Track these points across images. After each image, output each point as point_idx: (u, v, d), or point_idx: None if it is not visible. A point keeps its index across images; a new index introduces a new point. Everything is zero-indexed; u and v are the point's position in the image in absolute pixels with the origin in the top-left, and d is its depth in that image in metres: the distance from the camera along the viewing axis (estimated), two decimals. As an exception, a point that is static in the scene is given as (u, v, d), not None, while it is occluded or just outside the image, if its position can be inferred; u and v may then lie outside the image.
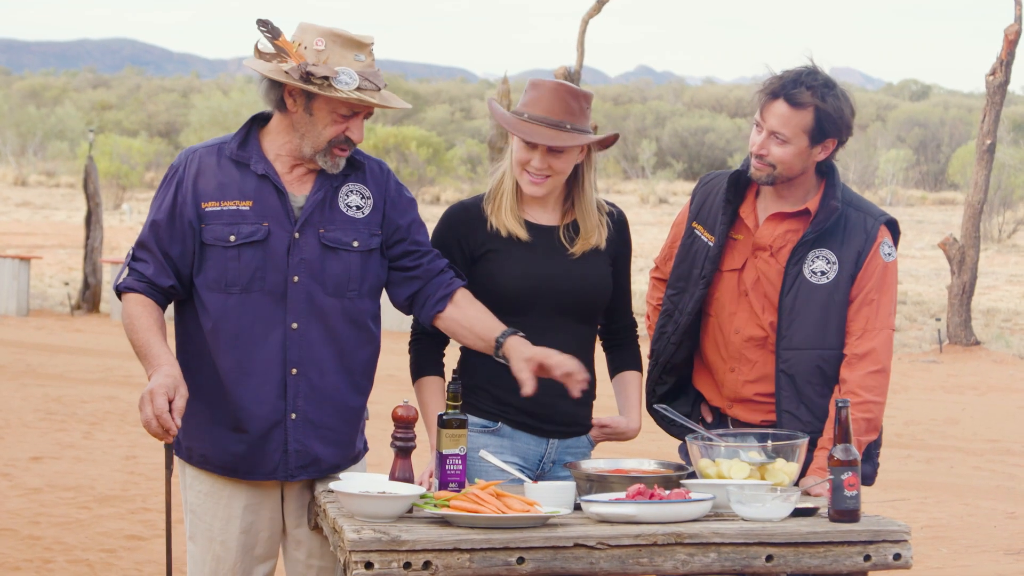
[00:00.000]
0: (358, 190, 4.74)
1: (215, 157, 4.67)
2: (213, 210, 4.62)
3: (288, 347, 4.64)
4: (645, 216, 42.54)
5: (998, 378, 17.68)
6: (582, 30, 21.27)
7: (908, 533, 4.29)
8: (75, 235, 32.45)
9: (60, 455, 11.38)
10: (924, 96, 78.02)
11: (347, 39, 4.59)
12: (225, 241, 4.61)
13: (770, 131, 4.92)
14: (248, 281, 4.61)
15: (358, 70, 4.57)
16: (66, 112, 61.88)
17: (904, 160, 49.77)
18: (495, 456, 4.78)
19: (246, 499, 4.75)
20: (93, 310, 22.49)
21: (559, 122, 4.80)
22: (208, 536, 4.76)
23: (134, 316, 4.61)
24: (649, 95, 79.64)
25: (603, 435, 5.03)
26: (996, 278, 29.21)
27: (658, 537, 4.15)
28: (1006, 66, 19.52)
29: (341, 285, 4.68)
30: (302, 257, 4.63)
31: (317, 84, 4.52)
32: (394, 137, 43.26)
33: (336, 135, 4.61)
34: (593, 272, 4.92)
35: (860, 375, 4.92)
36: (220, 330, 4.63)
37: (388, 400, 14.56)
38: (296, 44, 4.58)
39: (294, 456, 4.70)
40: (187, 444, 4.76)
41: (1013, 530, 9.69)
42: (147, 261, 4.64)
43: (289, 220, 4.64)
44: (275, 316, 4.63)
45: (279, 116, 4.67)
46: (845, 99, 4.96)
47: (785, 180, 4.99)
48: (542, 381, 4.74)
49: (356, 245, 4.70)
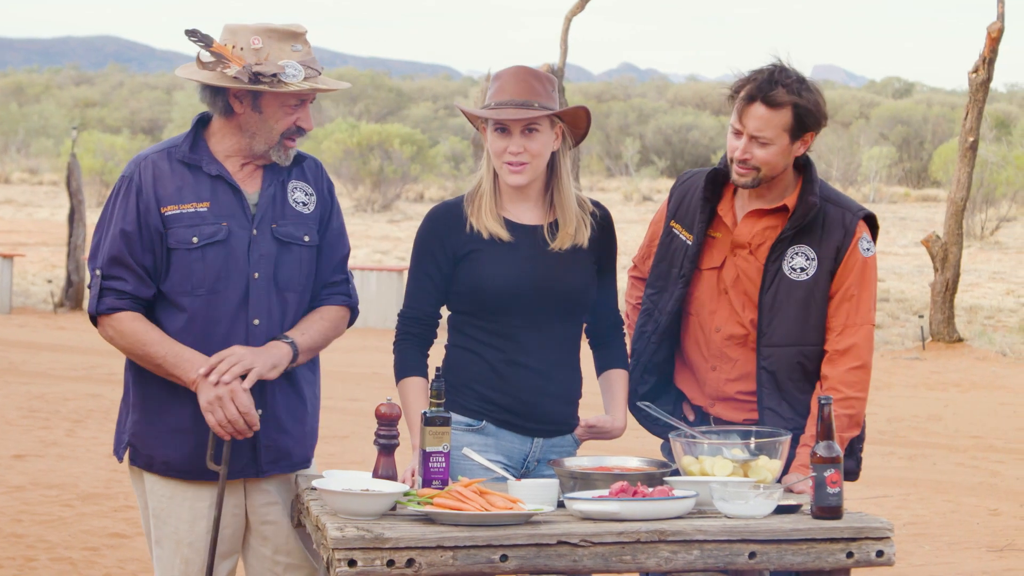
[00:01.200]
0: (301, 187, 4.80)
1: (167, 161, 4.69)
2: (174, 213, 4.64)
3: (250, 344, 4.67)
4: (629, 214, 42.54)
5: (981, 375, 17.71)
6: (565, 27, 21.27)
7: (891, 530, 4.30)
8: (58, 233, 32.37)
9: (43, 453, 11.36)
10: (907, 93, 78.07)
11: (282, 32, 4.64)
12: (188, 243, 4.63)
13: (751, 135, 4.92)
14: (213, 281, 4.64)
15: (298, 60, 4.61)
16: (49, 109, 61.76)
17: (887, 157, 49.82)
18: (480, 454, 4.79)
19: (210, 496, 4.75)
20: (76, 308, 22.43)
21: (525, 101, 4.81)
22: (175, 539, 4.75)
23: (139, 332, 4.62)
24: (633, 92, 79.60)
25: (589, 434, 5.02)
26: (979, 275, 29.25)
27: (641, 534, 4.15)
28: (989, 63, 19.55)
29: (293, 280, 4.74)
30: (260, 253, 4.68)
31: (267, 82, 4.56)
32: (377, 134, 43.20)
33: (288, 127, 4.66)
34: (576, 270, 4.91)
35: (841, 371, 4.93)
36: (187, 333, 4.65)
37: (371, 398, 14.58)
38: (230, 47, 4.61)
39: (264, 452, 4.74)
40: (147, 452, 4.76)
41: (996, 527, 9.71)
42: (124, 278, 4.63)
43: (246, 218, 4.69)
44: (239, 314, 4.67)
45: (223, 120, 4.69)
46: (818, 91, 4.98)
47: (769, 180, 4.99)
48: (527, 379, 4.81)
49: (307, 240, 4.77)
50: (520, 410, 4.88)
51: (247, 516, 4.83)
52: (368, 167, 42.27)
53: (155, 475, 4.76)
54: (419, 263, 4.93)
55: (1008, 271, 30.36)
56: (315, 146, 43.37)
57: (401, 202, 43.64)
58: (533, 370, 4.87)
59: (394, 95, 68.02)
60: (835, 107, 61.85)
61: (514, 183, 4.87)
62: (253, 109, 4.64)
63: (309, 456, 4.89)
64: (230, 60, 4.59)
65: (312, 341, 4.76)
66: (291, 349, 4.69)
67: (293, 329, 4.75)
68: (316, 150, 42.87)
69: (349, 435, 12.56)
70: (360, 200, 42.90)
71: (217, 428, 4.59)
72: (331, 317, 4.83)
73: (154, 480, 4.77)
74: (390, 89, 68.70)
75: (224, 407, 4.56)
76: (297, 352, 4.71)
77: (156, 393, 4.70)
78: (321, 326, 4.80)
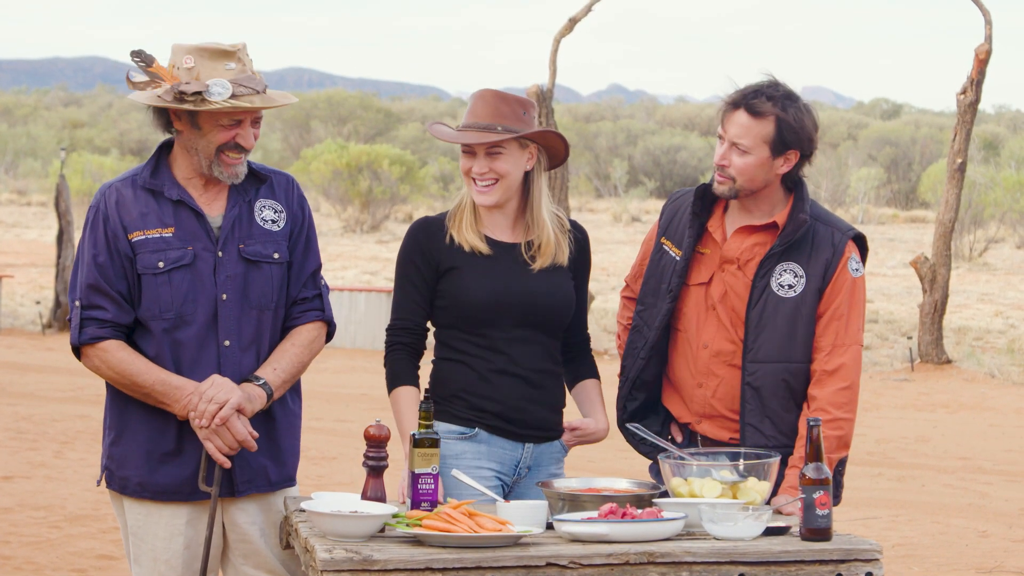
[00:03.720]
0: (270, 205, 4.84)
1: (130, 189, 4.74)
2: (139, 239, 4.69)
3: (223, 365, 4.71)
4: (617, 235, 42.56)
5: (969, 396, 17.73)
6: (554, 49, 21.29)
7: (880, 552, 4.30)
8: (47, 254, 32.34)
9: (31, 474, 11.33)
10: (895, 115, 78.26)
11: (214, 51, 4.68)
12: (155, 268, 4.67)
13: (731, 141, 4.95)
14: (181, 304, 4.67)
15: (230, 79, 4.64)
16: (37, 130, 61.70)
17: (875, 179, 49.89)
18: (473, 463, 4.87)
19: (187, 514, 4.77)
20: (64, 329, 22.39)
21: (489, 124, 4.91)
22: (152, 557, 4.77)
23: (124, 361, 4.66)
24: (621, 113, 79.75)
25: (575, 438, 5.10)
26: (967, 296, 29.29)
27: (630, 556, 4.15)
28: (976, 85, 19.60)
29: (265, 297, 4.77)
30: (227, 274, 4.72)
31: (191, 101, 4.60)
32: (366, 155, 43.20)
33: (224, 141, 4.68)
34: (557, 286, 5.01)
35: (829, 392, 4.93)
36: (160, 358, 4.68)
37: (360, 419, 14.56)
38: (171, 67, 4.68)
39: (238, 472, 4.76)
40: (121, 475, 4.78)
41: (984, 548, 9.71)
42: (103, 306, 4.66)
43: (211, 240, 4.73)
44: (208, 336, 4.70)
45: (176, 141, 4.76)
46: (807, 111, 4.99)
47: (748, 193, 5.00)
48: (516, 387, 4.93)
49: (277, 257, 4.81)
50: (511, 416, 4.95)
51: (225, 535, 4.84)
52: (357, 188, 42.27)
53: (130, 497, 4.77)
54: (404, 275, 5.01)
55: (996, 292, 30.41)
56: (304, 167, 43.37)
57: (390, 223, 43.63)
58: (521, 378, 4.95)
59: (383, 116, 68.02)
60: (823, 128, 61.70)
61: (481, 202, 4.95)
62: (192, 126, 4.69)
63: (290, 475, 4.90)
64: (164, 79, 4.66)
65: (286, 375, 4.79)
66: (263, 391, 4.73)
67: (264, 366, 4.76)
68: (305, 171, 42.88)
69: (338, 456, 12.54)
70: (349, 221, 42.90)
71: (218, 455, 4.64)
72: (304, 340, 4.85)
73: (130, 500, 4.78)
74: (379, 110, 68.68)
75: (222, 435, 4.61)
76: (271, 392, 4.75)
77: (130, 415, 4.74)
78: (294, 354, 4.81)
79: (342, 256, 35.69)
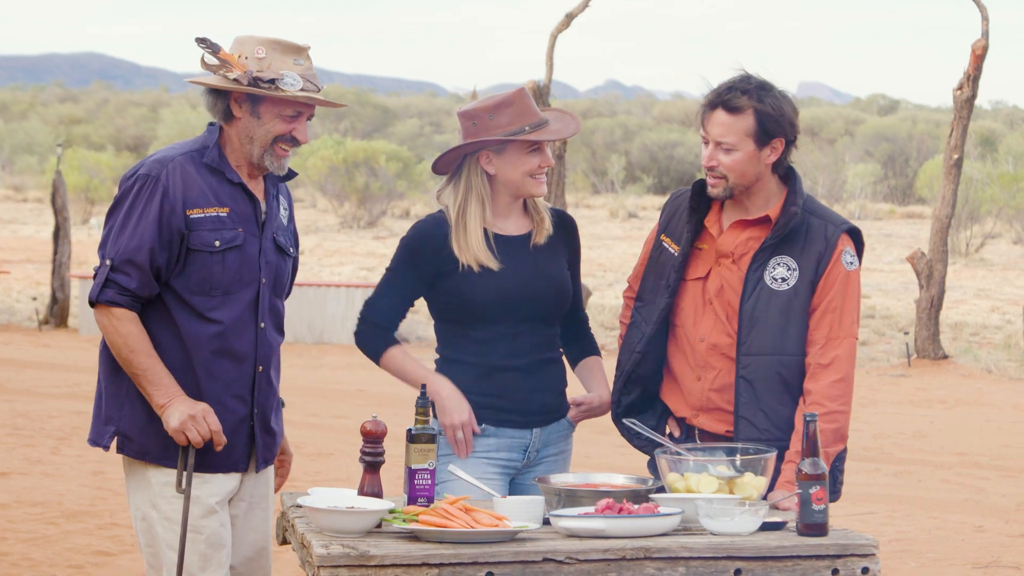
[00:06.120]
0: (281, 201, 5.02)
1: (193, 165, 4.82)
2: (198, 216, 4.77)
3: (260, 344, 4.85)
4: (615, 231, 42.57)
5: (966, 392, 17.74)
6: (551, 44, 21.29)
7: (876, 547, 4.31)
8: (43, 250, 32.32)
9: (27, 471, 11.33)
10: (892, 111, 78.25)
11: (286, 45, 4.82)
12: (211, 246, 4.76)
13: (715, 141, 4.98)
14: (229, 284, 4.79)
15: (299, 73, 4.79)
16: (34, 127, 61.69)
17: (872, 174, 49.91)
18: (483, 455, 5.01)
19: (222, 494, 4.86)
20: (61, 325, 22.40)
21: (546, 118, 5.15)
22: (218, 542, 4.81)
23: (130, 336, 4.72)
24: (618, 109, 79.78)
25: (580, 413, 5.27)
26: (964, 292, 29.31)
27: (627, 551, 4.15)
28: (973, 81, 19.60)
29: (284, 288, 4.98)
30: (267, 260, 4.87)
31: (265, 87, 4.73)
32: (364, 151, 43.18)
33: (282, 132, 4.80)
34: (558, 279, 5.15)
35: (824, 385, 4.94)
36: (200, 330, 4.77)
37: (356, 415, 14.56)
38: (237, 56, 4.80)
39: (260, 449, 4.89)
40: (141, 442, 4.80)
41: (981, 543, 9.71)
42: (131, 275, 4.72)
43: (257, 225, 4.86)
44: (248, 317, 4.83)
45: (227, 128, 4.86)
46: (784, 98, 5.01)
47: (743, 189, 5.02)
48: (517, 380, 5.07)
49: (292, 251, 5.00)
50: (514, 407, 5.08)
51: None
52: (354, 184, 42.27)
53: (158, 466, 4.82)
54: (399, 269, 5.15)
55: (993, 288, 30.43)
56: (301, 163, 43.36)
57: (387, 219, 43.64)
58: (523, 370, 5.08)
59: (380, 112, 68.05)
60: (820, 124, 62.03)
61: (543, 193, 5.16)
62: (252, 114, 4.80)
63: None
64: (233, 66, 4.76)
65: None
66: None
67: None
68: (302, 167, 42.87)
69: (334, 452, 12.54)
70: (346, 217, 42.90)
71: (198, 440, 4.69)
72: None
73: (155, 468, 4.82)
74: (376, 106, 68.73)
75: (198, 425, 4.68)
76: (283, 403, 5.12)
77: None
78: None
79: (339, 252, 35.70)
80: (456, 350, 5.11)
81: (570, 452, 5.26)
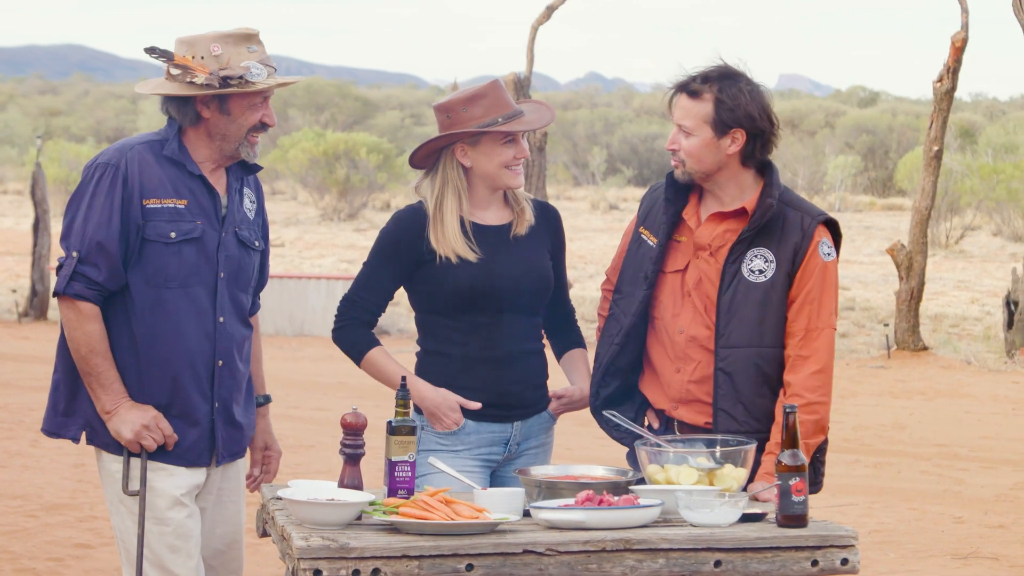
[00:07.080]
0: (248, 194, 4.99)
1: (152, 155, 4.80)
2: (154, 207, 4.75)
3: (217, 339, 4.83)
4: (595, 222, 42.57)
5: (946, 383, 17.77)
6: (532, 36, 21.29)
7: (855, 538, 4.32)
8: (23, 242, 32.22)
9: (7, 463, 11.30)
10: (872, 103, 78.28)
11: (238, 36, 4.80)
12: (166, 238, 4.74)
13: (677, 124, 5.04)
14: (185, 276, 4.77)
15: (257, 60, 4.78)
16: (13, 118, 61.53)
17: (852, 166, 49.98)
18: (466, 452, 5.02)
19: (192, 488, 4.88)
20: (41, 317, 22.35)
21: (521, 109, 5.14)
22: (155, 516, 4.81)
23: (92, 336, 4.72)
24: (599, 101, 79.78)
25: (561, 406, 5.26)
26: (944, 283, 29.37)
27: (607, 543, 4.16)
28: (953, 73, 19.63)
29: (247, 282, 4.94)
30: (227, 254, 4.85)
31: (235, 84, 4.72)
32: (344, 143, 43.13)
33: (255, 122, 4.81)
34: (536, 266, 5.15)
35: (803, 376, 4.95)
36: (154, 322, 4.76)
37: (337, 407, 14.54)
38: (190, 58, 4.76)
39: (222, 442, 4.88)
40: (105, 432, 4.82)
41: (960, 534, 9.74)
42: (99, 266, 4.71)
43: (217, 219, 4.83)
44: (207, 310, 4.81)
45: (192, 130, 4.82)
46: (748, 92, 5.00)
47: (702, 176, 5.04)
48: (498, 372, 5.07)
49: (257, 245, 4.98)
50: (495, 401, 5.08)
51: None
52: (334, 176, 42.21)
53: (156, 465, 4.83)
54: (378, 260, 5.14)
55: (973, 280, 30.49)
56: (281, 155, 43.30)
57: (368, 211, 43.57)
58: (503, 362, 5.09)
59: (360, 104, 67.91)
60: (800, 116, 62.04)
61: (519, 184, 5.14)
62: (220, 112, 4.78)
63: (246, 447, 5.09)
64: (195, 70, 4.72)
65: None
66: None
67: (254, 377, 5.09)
68: (282, 159, 42.80)
69: (315, 444, 12.53)
70: (326, 209, 42.84)
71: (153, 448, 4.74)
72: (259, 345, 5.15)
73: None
74: (356, 98, 68.58)
75: (153, 433, 4.72)
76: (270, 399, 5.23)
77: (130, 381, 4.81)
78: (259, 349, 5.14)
79: (319, 244, 35.65)
80: (436, 341, 5.12)
81: (551, 444, 5.27)
